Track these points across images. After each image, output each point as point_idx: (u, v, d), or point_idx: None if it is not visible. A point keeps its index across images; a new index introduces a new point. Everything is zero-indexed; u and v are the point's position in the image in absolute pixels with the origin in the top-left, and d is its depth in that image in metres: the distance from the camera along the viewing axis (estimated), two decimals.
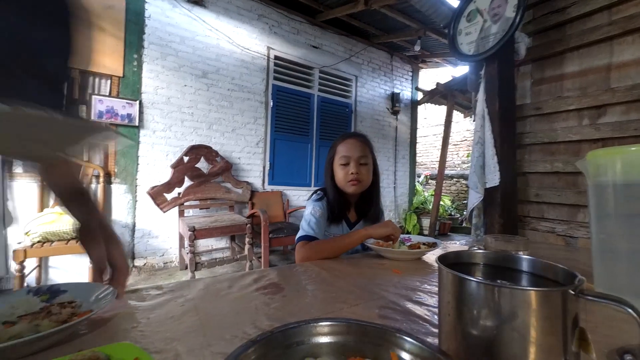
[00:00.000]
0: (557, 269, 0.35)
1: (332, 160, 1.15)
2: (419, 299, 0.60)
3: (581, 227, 1.61)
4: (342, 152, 1.11)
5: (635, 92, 1.43)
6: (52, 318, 0.43)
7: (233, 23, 3.49)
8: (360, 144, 1.13)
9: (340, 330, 0.33)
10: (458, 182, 7.31)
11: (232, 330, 0.44)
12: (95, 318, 0.46)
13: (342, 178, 1.11)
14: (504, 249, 0.72)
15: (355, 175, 1.08)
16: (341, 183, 1.12)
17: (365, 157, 1.12)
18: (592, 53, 1.62)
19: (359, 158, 1.10)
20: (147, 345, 0.40)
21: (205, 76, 3.31)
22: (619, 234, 0.61)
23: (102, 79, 2.89)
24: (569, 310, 0.28)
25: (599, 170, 0.62)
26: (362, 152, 1.11)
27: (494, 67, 1.75)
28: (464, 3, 1.91)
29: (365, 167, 1.12)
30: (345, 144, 1.12)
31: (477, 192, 1.75)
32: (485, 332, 0.30)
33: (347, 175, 1.09)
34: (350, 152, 1.10)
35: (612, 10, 1.54)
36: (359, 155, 1.10)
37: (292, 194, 3.98)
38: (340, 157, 1.11)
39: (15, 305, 0.46)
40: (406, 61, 5.36)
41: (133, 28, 2.93)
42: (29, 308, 0.46)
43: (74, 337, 0.42)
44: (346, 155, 1.10)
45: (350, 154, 1.10)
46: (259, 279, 0.69)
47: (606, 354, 0.41)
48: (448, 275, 0.34)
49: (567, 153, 1.70)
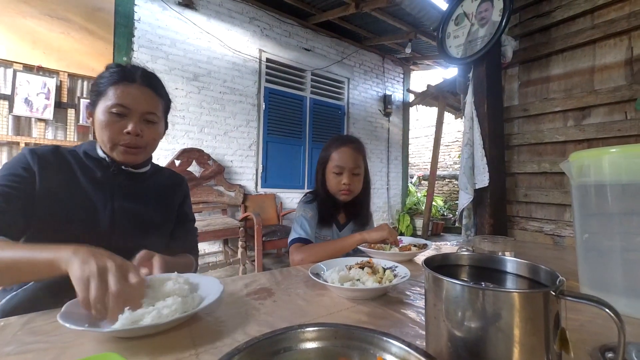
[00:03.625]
0: (540, 270, 0.36)
1: (324, 164, 1.15)
2: (409, 301, 0.60)
3: (568, 226, 1.65)
4: (336, 161, 1.11)
5: (618, 94, 1.48)
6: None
7: (224, 26, 3.48)
8: (355, 153, 1.13)
9: (328, 335, 0.33)
10: (450, 182, 7.39)
11: (221, 338, 0.44)
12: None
13: (334, 186, 1.12)
14: (492, 249, 0.73)
15: (347, 186, 1.10)
16: (333, 190, 1.13)
17: (358, 168, 1.13)
18: (576, 56, 1.66)
19: (352, 168, 1.11)
20: (133, 355, 0.39)
21: (196, 79, 3.29)
22: (602, 233, 0.62)
23: (91, 82, 2.84)
24: (550, 310, 0.29)
25: (582, 171, 0.64)
26: (355, 162, 1.12)
27: (481, 69, 1.78)
28: (452, 7, 1.94)
29: (358, 177, 1.13)
30: (340, 153, 1.12)
31: (467, 193, 1.77)
32: (470, 333, 0.31)
33: (340, 184, 1.10)
34: (344, 162, 1.10)
35: (595, 14, 1.58)
36: (353, 165, 1.11)
37: (286, 197, 3.96)
38: (334, 165, 1.11)
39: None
40: (397, 63, 5.41)
41: (122, 31, 2.90)
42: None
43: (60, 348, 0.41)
44: (340, 165, 1.10)
45: (344, 164, 1.10)
46: (249, 283, 0.69)
47: (590, 352, 0.42)
48: (433, 278, 0.34)
49: (553, 154, 1.74)
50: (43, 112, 2.59)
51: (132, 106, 0.70)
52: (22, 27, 2.53)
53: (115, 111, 0.69)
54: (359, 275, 0.65)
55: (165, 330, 0.45)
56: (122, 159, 0.73)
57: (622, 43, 1.50)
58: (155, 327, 0.43)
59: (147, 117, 0.73)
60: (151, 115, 0.74)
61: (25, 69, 2.55)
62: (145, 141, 0.74)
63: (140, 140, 0.72)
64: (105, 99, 0.70)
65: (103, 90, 0.70)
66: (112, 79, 0.71)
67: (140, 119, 0.72)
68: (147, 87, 0.74)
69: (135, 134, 0.70)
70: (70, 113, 2.75)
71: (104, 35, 2.83)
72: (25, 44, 2.54)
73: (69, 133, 2.75)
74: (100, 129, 0.70)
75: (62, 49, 2.68)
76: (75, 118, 2.75)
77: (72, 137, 2.76)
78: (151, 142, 0.76)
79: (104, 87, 0.71)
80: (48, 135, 2.68)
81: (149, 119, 0.74)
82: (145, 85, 0.73)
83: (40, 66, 2.59)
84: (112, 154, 0.73)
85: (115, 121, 0.70)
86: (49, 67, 2.62)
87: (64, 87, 2.71)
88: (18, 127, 2.56)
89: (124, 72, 0.72)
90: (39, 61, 2.58)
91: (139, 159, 0.76)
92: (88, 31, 2.77)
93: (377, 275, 0.66)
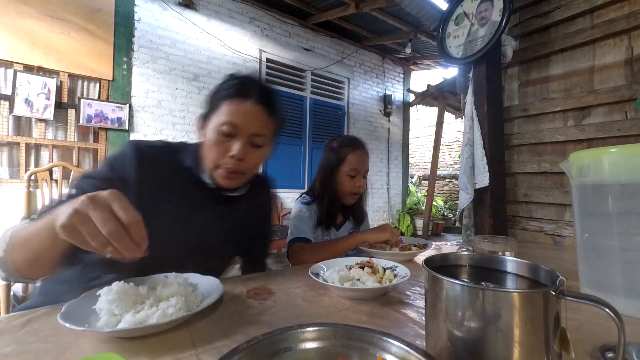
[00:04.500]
0: (540, 270, 0.36)
1: (337, 166, 1.12)
2: (409, 301, 0.60)
3: (568, 226, 1.64)
4: (353, 164, 1.11)
5: (617, 94, 1.47)
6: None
7: (225, 26, 3.48)
8: (367, 156, 1.16)
9: (328, 335, 0.33)
10: (450, 182, 7.39)
11: (220, 338, 0.44)
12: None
13: (348, 189, 1.12)
14: (492, 249, 0.73)
15: (360, 189, 1.12)
16: (344, 192, 1.13)
17: (368, 171, 1.16)
18: (576, 56, 1.66)
19: (365, 172, 1.14)
20: (133, 355, 0.39)
21: (196, 79, 3.29)
22: (602, 233, 0.62)
23: (91, 82, 2.85)
24: (550, 310, 0.29)
25: (581, 171, 0.64)
26: (367, 166, 1.15)
27: (481, 69, 1.78)
28: (451, 6, 1.94)
29: (365, 180, 1.16)
30: (357, 156, 1.12)
31: (467, 193, 1.77)
32: (470, 333, 0.31)
33: (354, 187, 1.11)
34: (361, 165, 1.12)
35: (594, 14, 1.58)
36: (366, 169, 1.14)
37: (286, 197, 3.96)
38: (350, 168, 1.10)
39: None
40: (398, 63, 5.41)
41: (122, 31, 2.90)
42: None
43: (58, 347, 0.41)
44: (356, 168, 1.11)
45: (360, 167, 1.12)
46: (249, 283, 0.69)
47: (589, 351, 0.42)
48: (433, 278, 0.34)
49: (553, 153, 1.74)
50: (43, 113, 2.59)
51: (242, 125, 0.66)
52: (22, 27, 2.53)
53: (225, 130, 0.65)
54: (359, 275, 0.65)
55: (164, 330, 0.45)
56: (221, 182, 0.70)
57: (621, 43, 1.50)
58: (156, 327, 0.44)
59: (254, 139, 0.68)
60: (259, 138, 0.68)
61: (25, 69, 2.55)
62: (247, 166, 0.69)
63: (242, 165, 0.68)
64: (218, 114, 0.66)
65: (217, 104, 0.67)
66: (228, 92, 0.67)
67: (247, 141, 0.67)
68: (262, 104, 0.68)
69: (239, 158, 0.66)
70: (70, 113, 2.75)
71: (104, 35, 2.84)
72: (25, 44, 2.54)
73: (69, 133, 2.76)
74: (208, 147, 0.68)
75: (62, 50, 2.68)
76: (76, 118, 2.75)
77: (73, 137, 2.77)
78: (253, 167, 0.72)
79: (219, 100, 0.67)
80: (48, 135, 2.68)
81: (255, 142, 0.68)
82: (260, 103, 0.67)
83: (41, 66, 2.59)
84: (213, 175, 0.70)
85: (223, 142, 0.66)
86: (49, 67, 2.63)
87: (64, 88, 2.71)
88: (18, 128, 2.57)
89: (240, 85, 0.68)
90: (39, 61, 2.58)
91: (237, 183, 0.72)
92: (88, 31, 2.78)
93: (377, 275, 0.66)
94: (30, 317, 0.50)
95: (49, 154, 2.67)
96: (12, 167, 2.55)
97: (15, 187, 2.46)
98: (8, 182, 2.47)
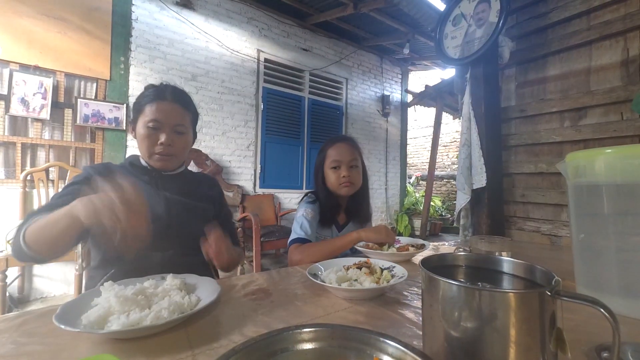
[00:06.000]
0: (536, 270, 0.36)
1: (322, 163, 1.17)
2: (406, 302, 0.60)
3: (564, 227, 1.65)
4: (332, 156, 1.14)
5: (613, 95, 1.49)
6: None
7: (222, 26, 3.47)
8: (350, 147, 1.16)
9: (325, 335, 0.33)
10: (448, 182, 7.41)
11: (217, 339, 0.44)
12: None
13: (334, 181, 1.13)
14: (489, 249, 0.73)
15: (347, 177, 1.11)
16: (334, 186, 1.14)
17: (355, 160, 1.15)
18: (573, 57, 1.67)
19: (349, 161, 1.13)
20: (129, 357, 0.39)
21: (194, 79, 3.28)
22: (598, 233, 0.63)
23: (88, 82, 2.83)
24: (546, 310, 0.29)
25: (577, 171, 0.64)
26: (352, 155, 1.14)
27: (479, 70, 1.78)
28: (449, 8, 1.95)
29: (356, 170, 1.15)
30: (336, 148, 1.15)
31: (465, 194, 1.78)
32: (466, 334, 0.31)
33: (339, 178, 1.12)
34: (341, 156, 1.13)
35: (591, 15, 1.59)
36: (350, 158, 1.14)
37: (284, 197, 3.96)
38: (331, 160, 1.14)
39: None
40: (396, 64, 5.42)
41: (120, 30, 2.89)
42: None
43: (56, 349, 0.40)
44: (337, 159, 1.13)
45: (341, 157, 1.13)
46: (247, 284, 0.69)
47: (585, 351, 0.42)
48: (430, 278, 0.34)
49: (550, 154, 1.75)
50: (40, 112, 2.57)
51: (164, 120, 0.84)
52: (19, 26, 2.51)
53: (151, 125, 0.83)
54: (357, 276, 0.65)
55: (161, 331, 0.45)
56: (158, 165, 0.87)
57: (617, 44, 1.51)
58: (151, 329, 0.43)
59: (177, 128, 0.86)
60: (180, 127, 0.87)
61: (21, 68, 2.53)
62: (175, 149, 0.87)
63: (171, 149, 0.86)
64: (143, 115, 0.84)
65: (141, 108, 0.85)
66: (148, 98, 0.85)
67: (171, 131, 0.85)
68: (176, 102, 0.87)
69: (167, 144, 0.84)
70: (67, 113, 2.73)
71: (101, 35, 2.82)
72: (22, 43, 2.52)
73: (66, 133, 2.74)
74: (141, 141, 0.85)
75: (59, 49, 2.66)
76: (72, 118, 2.73)
77: (69, 137, 2.75)
78: (181, 149, 0.90)
79: (142, 105, 0.85)
80: (45, 135, 2.66)
81: (178, 130, 0.87)
82: (175, 102, 0.87)
83: (37, 66, 2.57)
84: (150, 162, 0.87)
85: (151, 134, 0.83)
86: (45, 66, 2.61)
87: (61, 87, 2.69)
88: (14, 127, 2.54)
89: (157, 91, 0.86)
90: (35, 61, 2.56)
91: (171, 165, 0.90)
92: (85, 31, 2.76)
93: (375, 275, 0.66)
94: (26, 318, 0.49)
95: (45, 154, 2.65)
96: (8, 167, 2.53)
97: (11, 187, 2.45)
98: (4, 182, 2.45)
